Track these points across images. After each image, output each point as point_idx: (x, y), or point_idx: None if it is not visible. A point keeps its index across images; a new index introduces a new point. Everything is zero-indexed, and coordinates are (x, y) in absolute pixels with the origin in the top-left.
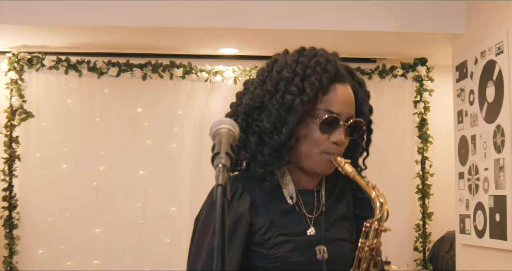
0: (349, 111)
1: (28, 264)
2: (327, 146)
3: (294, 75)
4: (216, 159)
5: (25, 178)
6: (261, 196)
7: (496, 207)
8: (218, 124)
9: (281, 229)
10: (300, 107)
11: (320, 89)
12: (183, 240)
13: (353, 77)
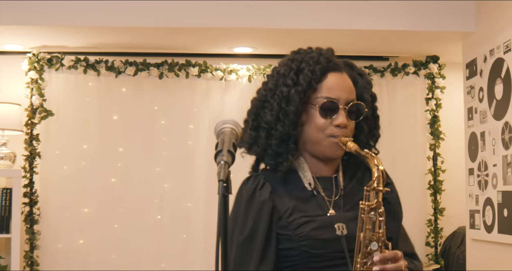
0: (347, 95)
1: (48, 258)
2: (331, 130)
3: (290, 70)
4: (218, 156)
5: (45, 175)
6: (282, 185)
7: (504, 202)
8: (222, 124)
9: (303, 212)
10: (296, 97)
11: (314, 79)
12: (199, 235)
13: (352, 69)
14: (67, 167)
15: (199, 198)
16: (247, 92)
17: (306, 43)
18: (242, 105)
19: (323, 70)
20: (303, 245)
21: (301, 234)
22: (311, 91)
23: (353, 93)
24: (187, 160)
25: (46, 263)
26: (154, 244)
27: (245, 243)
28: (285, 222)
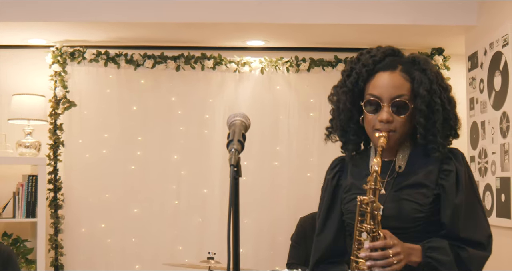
0: (392, 92)
1: (72, 242)
2: (375, 123)
3: (344, 72)
4: (230, 145)
5: (69, 162)
6: (352, 167)
7: (502, 188)
8: (233, 116)
9: (358, 190)
10: (343, 97)
11: (361, 80)
12: (215, 219)
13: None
14: (89, 154)
15: (214, 184)
16: (260, 84)
17: (315, 37)
18: (255, 96)
19: (370, 71)
20: (347, 218)
21: (348, 208)
22: (362, 90)
23: (400, 90)
24: (202, 148)
25: (69, 246)
26: (171, 228)
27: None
28: (343, 196)
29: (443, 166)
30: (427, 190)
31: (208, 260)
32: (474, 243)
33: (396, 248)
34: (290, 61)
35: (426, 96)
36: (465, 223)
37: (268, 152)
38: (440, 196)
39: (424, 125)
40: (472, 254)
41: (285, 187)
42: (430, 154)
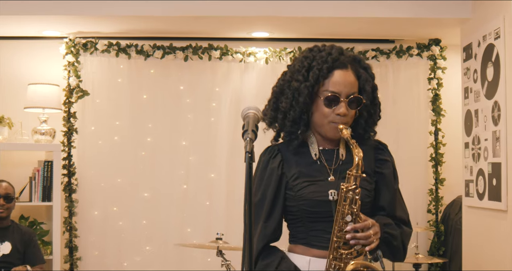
0: (348, 90)
1: (85, 224)
2: (333, 117)
3: (302, 67)
4: (245, 134)
5: (82, 149)
6: (293, 155)
7: (493, 172)
8: (247, 109)
9: (307, 177)
10: (305, 90)
11: (321, 76)
12: (221, 202)
13: (359, 64)
14: (102, 141)
15: (221, 169)
16: (265, 73)
17: (316, 29)
18: (260, 85)
19: (329, 68)
20: (301, 204)
21: (301, 195)
22: (319, 86)
23: (354, 87)
24: (210, 135)
25: (83, 228)
26: (180, 211)
27: (258, 203)
28: (290, 185)
29: (378, 156)
30: (369, 177)
31: (216, 240)
32: (404, 222)
33: (375, 228)
34: (293, 51)
35: (370, 93)
36: (398, 205)
37: (271, 137)
38: (377, 182)
39: (366, 118)
40: (406, 230)
41: None
42: (365, 142)
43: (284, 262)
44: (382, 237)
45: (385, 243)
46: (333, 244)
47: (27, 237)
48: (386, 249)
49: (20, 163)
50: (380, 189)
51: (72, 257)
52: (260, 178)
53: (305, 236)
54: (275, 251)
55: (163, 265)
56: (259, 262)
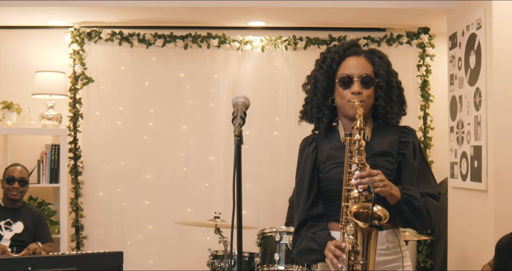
0: (360, 71)
1: (91, 204)
2: (350, 97)
3: (319, 60)
4: (234, 120)
5: (87, 133)
6: (325, 140)
7: (475, 155)
8: (237, 98)
9: (334, 159)
10: (321, 77)
11: (334, 63)
12: (220, 183)
13: (374, 54)
14: (106, 126)
15: (219, 152)
16: (261, 60)
17: (311, 18)
18: (257, 72)
19: (341, 56)
20: (329, 184)
21: (329, 176)
22: (335, 72)
23: (366, 69)
24: (209, 120)
25: (88, 208)
26: (181, 192)
27: (299, 183)
28: (321, 167)
29: (401, 139)
30: (392, 158)
31: (214, 219)
32: (429, 196)
33: (380, 176)
34: (288, 40)
35: (385, 76)
36: (422, 180)
37: (268, 122)
38: (401, 162)
39: (384, 98)
40: (430, 200)
41: (284, 155)
42: (389, 122)
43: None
44: (402, 198)
45: (406, 203)
46: (344, 193)
47: (37, 217)
48: (408, 209)
49: (28, 147)
50: (402, 169)
51: (79, 236)
52: (299, 162)
53: (336, 214)
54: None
55: (165, 243)
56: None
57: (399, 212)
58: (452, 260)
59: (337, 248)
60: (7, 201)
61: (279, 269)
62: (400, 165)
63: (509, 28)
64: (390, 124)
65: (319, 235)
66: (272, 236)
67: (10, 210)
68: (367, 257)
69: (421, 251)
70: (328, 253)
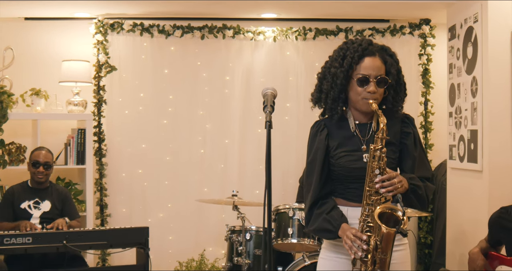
0: (376, 72)
1: (114, 185)
2: (365, 95)
3: (338, 56)
4: (265, 108)
5: (111, 118)
6: (335, 129)
7: (471, 138)
8: (266, 89)
9: (345, 147)
10: (341, 75)
11: (353, 62)
12: (234, 165)
13: (385, 52)
14: (128, 111)
15: (234, 136)
16: (273, 50)
17: (319, 10)
18: (269, 61)
19: (360, 56)
20: (339, 169)
21: (339, 163)
22: (353, 70)
23: (381, 70)
24: (224, 105)
25: (112, 188)
26: (198, 173)
27: (310, 163)
28: (332, 154)
29: (403, 129)
30: (394, 147)
31: (232, 197)
32: (427, 178)
33: (399, 177)
34: (298, 30)
35: (395, 75)
36: (421, 166)
37: (280, 108)
38: (402, 151)
39: (393, 95)
40: (429, 184)
41: (294, 138)
42: (394, 115)
43: (335, 210)
44: (409, 188)
45: (412, 192)
46: (366, 192)
47: (63, 195)
48: (413, 197)
49: (56, 131)
50: (403, 157)
51: (103, 214)
52: (311, 144)
53: (343, 192)
54: (328, 201)
55: (183, 221)
56: (315, 211)
57: (406, 199)
58: (450, 236)
59: (356, 237)
60: (34, 182)
61: (292, 242)
62: (401, 153)
63: (503, 22)
64: (394, 114)
65: (333, 217)
66: (286, 212)
67: (37, 190)
68: (386, 254)
69: (422, 228)
70: (347, 240)
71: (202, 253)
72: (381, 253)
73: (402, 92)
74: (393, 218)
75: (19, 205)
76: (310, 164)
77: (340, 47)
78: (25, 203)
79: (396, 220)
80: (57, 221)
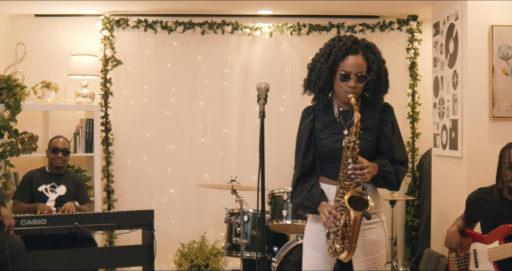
0: (357, 70)
1: (120, 172)
2: (346, 88)
3: (325, 53)
4: (259, 100)
5: (117, 108)
6: (322, 114)
7: (452, 127)
8: (260, 84)
9: (329, 130)
10: (325, 70)
11: (337, 60)
12: (233, 152)
13: (369, 49)
14: (133, 102)
15: (232, 125)
16: (269, 44)
17: (313, 8)
18: (265, 55)
19: (343, 54)
20: (323, 149)
21: (323, 144)
22: (337, 66)
23: (362, 68)
24: (223, 97)
25: (118, 175)
26: (199, 160)
27: (298, 144)
28: (317, 135)
29: (382, 116)
30: (372, 131)
31: (231, 182)
32: (401, 162)
33: (369, 168)
34: (293, 26)
35: (376, 71)
36: (397, 150)
37: (275, 99)
38: (380, 136)
39: (374, 88)
40: (401, 168)
41: (289, 127)
42: (375, 106)
43: (315, 187)
44: (379, 173)
45: (382, 177)
46: (340, 178)
47: (77, 181)
48: (382, 181)
49: (65, 121)
50: (381, 140)
51: (110, 198)
52: (300, 127)
53: (326, 171)
54: (310, 179)
55: (185, 205)
56: (298, 187)
57: (376, 182)
58: (434, 218)
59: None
60: (52, 168)
61: (286, 223)
62: (379, 137)
63: (481, 20)
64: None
65: (313, 195)
66: (281, 195)
67: (54, 175)
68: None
69: (409, 212)
70: (323, 216)
71: (203, 235)
72: (350, 231)
73: (382, 85)
74: (362, 200)
75: (37, 188)
76: (297, 144)
77: (328, 43)
78: (43, 186)
79: (364, 202)
80: (67, 204)
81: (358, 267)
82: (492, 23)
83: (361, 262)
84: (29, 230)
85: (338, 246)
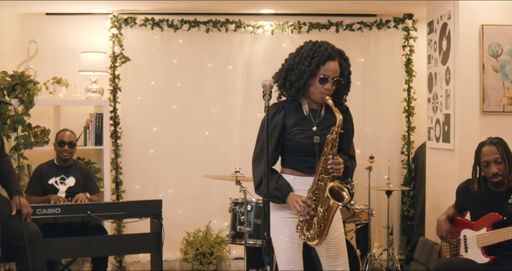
0: (334, 74)
1: (128, 164)
2: (322, 90)
3: (307, 56)
4: (265, 96)
5: (125, 103)
6: (291, 110)
7: (445, 121)
8: (265, 81)
9: (300, 126)
10: (308, 73)
11: (319, 64)
12: (236, 145)
13: (341, 55)
14: (140, 97)
15: (235, 120)
16: (271, 42)
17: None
18: (267, 52)
19: (325, 59)
20: (294, 144)
21: (295, 139)
22: (317, 70)
23: (337, 73)
24: (227, 92)
25: (127, 167)
26: (203, 153)
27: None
28: (289, 131)
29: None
30: None
31: (235, 173)
32: (354, 157)
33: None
34: (294, 24)
35: (346, 75)
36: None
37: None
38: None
39: (342, 90)
40: (354, 163)
41: None
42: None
43: (281, 179)
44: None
45: (344, 172)
46: (318, 171)
47: (86, 172)
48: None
49: (76, 116)
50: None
51: (118, 190)
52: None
53: (293, 163)
54: (274, 171)
55: (191, 196)
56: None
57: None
58: (429, 207)
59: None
60: (60, 160)
61: None
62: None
63: (472, 20)
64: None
65: (281, 186)
66: None
67: (63, 167)
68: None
69: (405, 202)
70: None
71: (207, 224)
72: (326, 219)
73: (347, 89)
74: (338, 194)
75: (47, 181)
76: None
77: (310, 48)
78: (52, 179)
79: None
80: (79, 195)
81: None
82: (482, 22)
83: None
84: (44, 219)
85: (310, 233)
